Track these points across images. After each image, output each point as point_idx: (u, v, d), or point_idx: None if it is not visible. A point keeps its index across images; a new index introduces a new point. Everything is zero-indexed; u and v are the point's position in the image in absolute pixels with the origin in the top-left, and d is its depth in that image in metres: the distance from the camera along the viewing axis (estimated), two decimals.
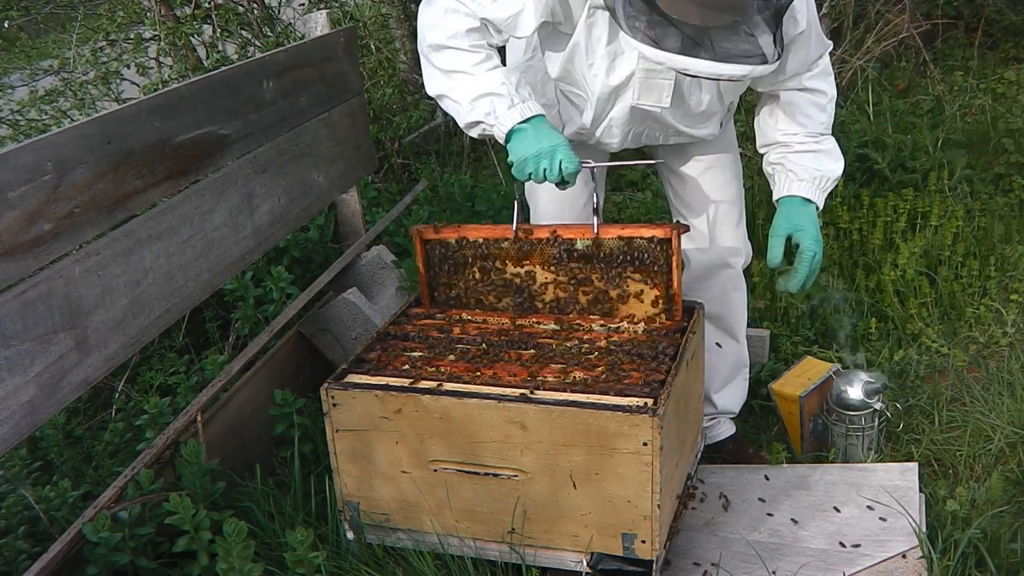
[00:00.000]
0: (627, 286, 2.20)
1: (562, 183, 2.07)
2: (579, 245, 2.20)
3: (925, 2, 5.77)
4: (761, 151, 2.33)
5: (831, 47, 2.23)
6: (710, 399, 2.62)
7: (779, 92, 2.23)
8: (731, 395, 2.66)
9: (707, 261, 2.52)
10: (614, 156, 2.48)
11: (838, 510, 2.28)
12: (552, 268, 2.23)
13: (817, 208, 2.22)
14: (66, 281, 1.87)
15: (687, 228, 2.17)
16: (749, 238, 2.61)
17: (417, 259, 2.32)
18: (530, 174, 2.05)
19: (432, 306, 2.34)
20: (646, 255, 2.15)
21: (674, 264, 2.13)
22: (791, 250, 2.21)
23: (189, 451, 2.14)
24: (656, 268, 2.16)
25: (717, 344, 2.60)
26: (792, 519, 2.26)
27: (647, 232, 2.15)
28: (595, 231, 2.18)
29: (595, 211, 2.20)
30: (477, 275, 2.29)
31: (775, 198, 2.26)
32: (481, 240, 2.27)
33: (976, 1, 5.96)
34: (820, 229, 2.24)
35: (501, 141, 2.07)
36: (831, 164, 2.23)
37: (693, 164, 2.45)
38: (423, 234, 2.31)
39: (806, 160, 2.22)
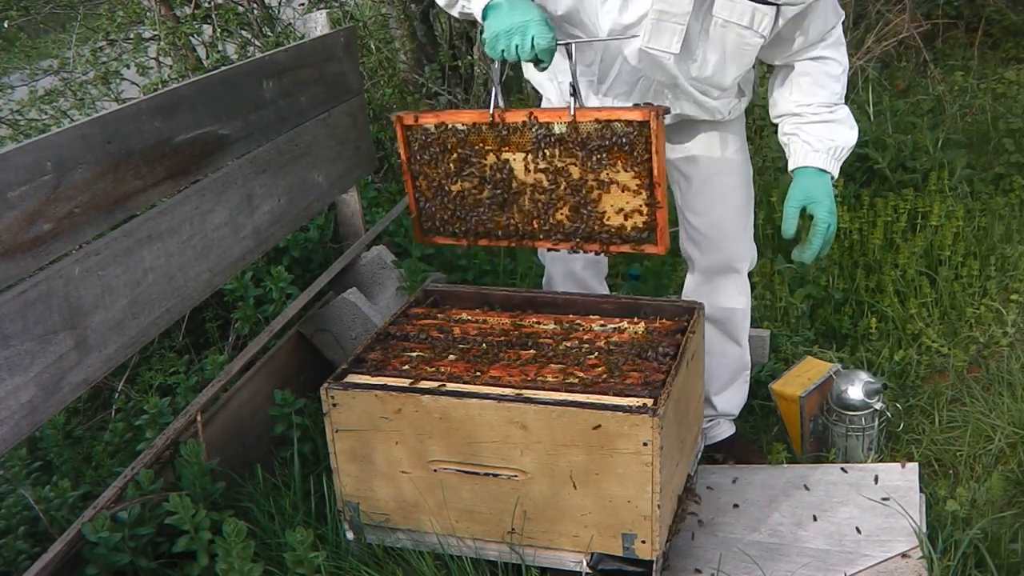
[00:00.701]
0: (606, 173, 2.12)
1: (537, 62, 2.00)
2: (556, 129, 2.12)
3: (925, 2, 5.77)
4: (775, 121, 2.31)
5: (843, 17, 2.21)
6: (710, 401, 2.62)
7: (793, 63, 2.21)
8: (731, 397, 2.66)
9: (712, 265, 2.50)
10: None
11: (838, 510, 2.27)
12: (530, 155, 2.16)
13: (832, 177, 2.21)
14: (66, 281, 1.87)
15: (667, 110, 2.08)
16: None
17: (399, 145, 2.28)
18: (503, 51, 1.99)
19: (418, 207, 2.34)
20: (624, 139, 2.08)
21: (655, 149, 2.05)
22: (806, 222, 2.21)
23: (189, 451, 2.14)
24: (636, 153, 2.08)
25: (721, 352, 2.59)
26: (792, 519, 2.26)
27: (626, 115, 2.07)
28: (572, 114, 2.10)
29: (573, 93, 2.09)
30: (456, 163, 2.23)
31: (790, 168, 2.24)
32: (460, 126, 2.20)
33: (976, 1, 5.96)
34: (835, 200, 2.23)
35: (479, 19, 2.04)
36: (845, 133, 2.22)
37: (701, 167, 2.43)
38: (403, 120, 2.26)
39: (820, 130, 2.21)
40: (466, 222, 2.29)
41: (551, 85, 2.38)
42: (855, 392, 2.59)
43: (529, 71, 2.41)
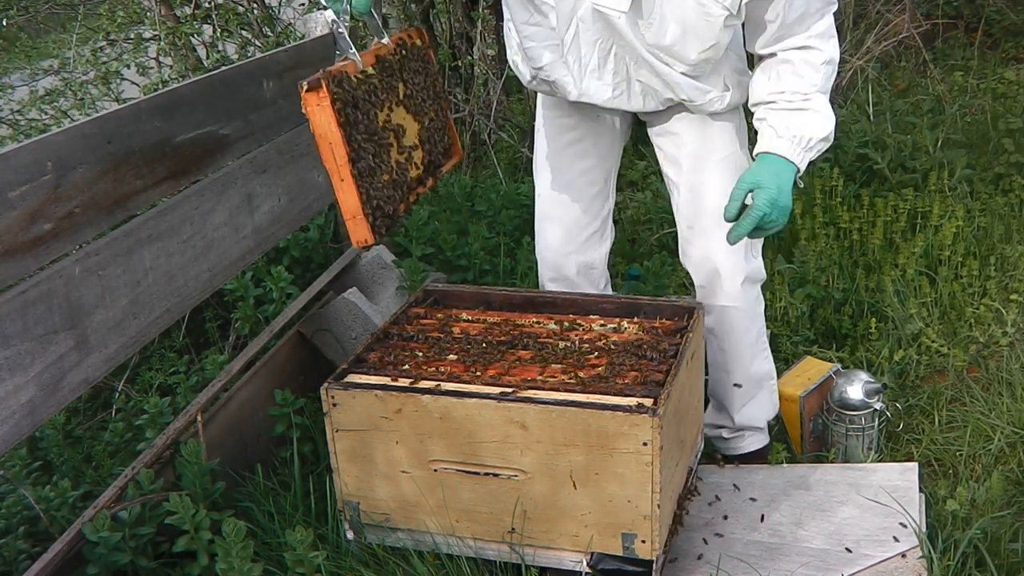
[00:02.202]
0: (419, 92, 2.17)
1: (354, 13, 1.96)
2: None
3: (925, 2, 5.77)
4: (751, 109, 2.23)
5: (834, 7, 2.09)
6: (730, 416, 2.55)
7: (777, 52, 2.13)
8: (754, 412, 2.55)
9: (702, 280, 2.43)
10: (620, 116, 2.42)
11: (838, 510, 2.27)
12: (389, 96, 2.06)
13: (799, 170, 2.10)
14: (66, 281, 1.87)
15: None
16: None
17: (326, 122, 1.83)
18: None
19: (365, 198, 1.89)
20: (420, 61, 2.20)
21: (431, 57, 2.22)
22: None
23: (189, 451, 2.14)
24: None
25: (736, 385, 2.51)
26: (792, 519, 2.26)
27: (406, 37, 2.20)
28: (391, 45, 2.11)
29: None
30: (363, 127, 1.95)
31: (754, 154, 2.16)
32: (370, 69, 1.99)
33: (976, 1, 5.96)
34: (794, 197, 2.11)
35: None
36: (817, 123, 2.09)
37: (695, 174, 2.36)
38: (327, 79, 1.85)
39: (789, 118, 2.10)
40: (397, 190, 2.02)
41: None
42: (855, 392, 2.59)
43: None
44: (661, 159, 2.44)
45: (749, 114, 2.27)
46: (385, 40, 2.12)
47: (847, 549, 2.14)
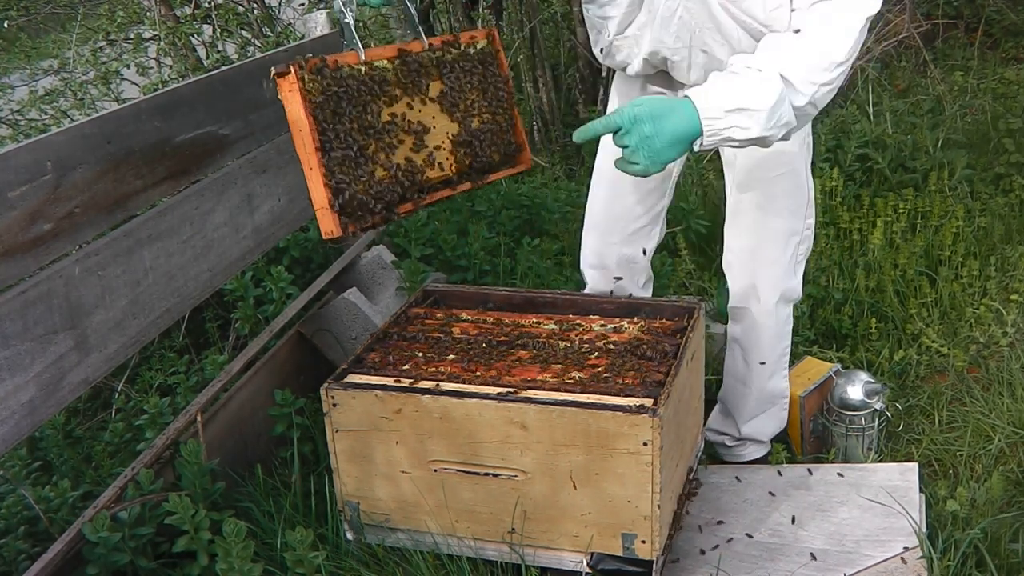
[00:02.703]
0: (465, 93, 2.09)
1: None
2: (425, 57, 2.04)
3: (925, 2, 5.78)
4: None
5: (867, 12, 1.83)
6: (736, 425, 2.56)
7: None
8: (761, 426, 2.55)
9: (737, 290, 2.41)
10: (650, 80, 2.24)
11: (838, 510, 2.27)
12: (407, 92, 2.00)
13: (701, 132, 1.78)
14: (66, 281, 1.87)
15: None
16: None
17: (298, 107, 1.82)
18: None
19: (334, 187, 1.82)
20: (473, 61, 2.11)
21: (500, 60, 2.15)
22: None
23: (189, 451, 2.14)
24: (489, 72, 2.12)
25: (742, 384, 2.51)
26: (792, 519, 2.26)
27: (466, 38, 2.12)
28: (425, 43, 2.03)
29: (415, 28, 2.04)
30: (353, 120, 1.90)
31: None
32: (338, 70, 1.88)
33: (976, 1, 5.97)
34: (671, 142, 1.78)
35: None
36: (746, 89, 1.78)
37: (744, 185, 2.31)
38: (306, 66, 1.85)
39: (718, 78, 1.84)
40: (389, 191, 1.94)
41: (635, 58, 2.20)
42: (855, 392, 2.59)
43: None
44: (723, 159, 2.40)
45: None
46: (421, 38, 2.05)
47: (846, 547, 2.14)
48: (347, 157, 1.83)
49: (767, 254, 2.34)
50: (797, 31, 1.85)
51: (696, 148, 1.82)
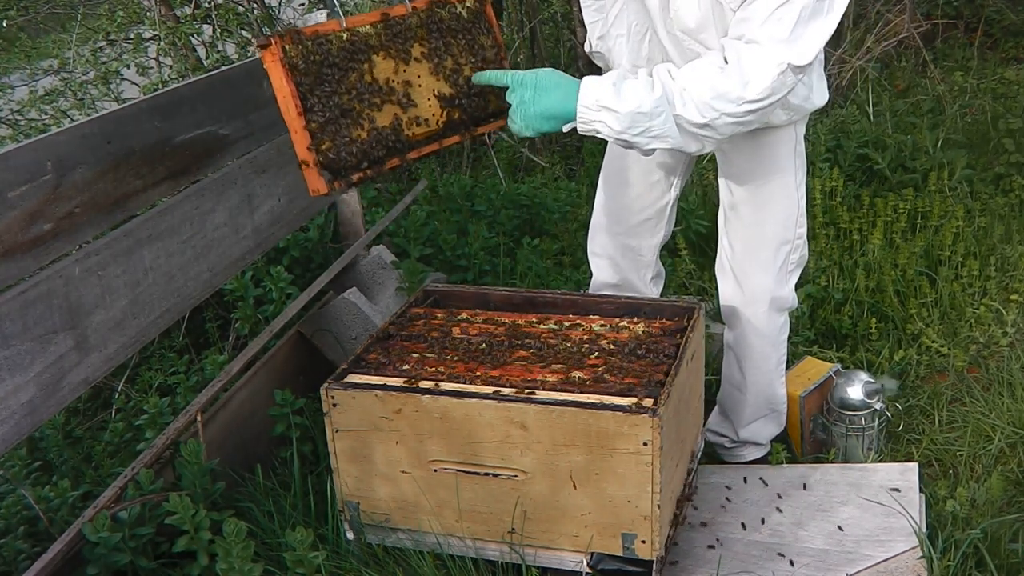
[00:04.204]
0: (452, 51, 2.11)
1: None
2: (409, 20, 2.07)
3: (925, 2, 5.78)
4: None
5: (803, 29, 1.82)
6: (734, 429, 2.56)
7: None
8: (759, 429, 2.55)
9: (728, 297, 2.42)
10: None
11: (838, 510, 2.27)
12: (391, 55, 2.04)
13: (576, 115, 1.88)
14: (66, 281, 1.87)
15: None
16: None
17: (278, 79, 1.88)
18: None
19: (316, 147, 1.89)
20: (459, 21, 2.12)
21: (489, 16, 2.16)
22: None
23: (189, 451, 2.14)
24: (476, 29, 2.14)
25: (738, 390, 2.51)
26: (792, 519, 2.26)
27: None
28: (409, 6, 2.05)
29: None
30: (336, 84, 1.96)
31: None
32: (318, 39, 1.93)
33: (976, 1, 5.97)
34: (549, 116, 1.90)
35: None
36: (626, 92, 1.85)
37: (735, 193, 2.33)
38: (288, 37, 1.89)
39: (614, 74, 1.89)
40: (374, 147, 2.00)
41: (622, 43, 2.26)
42: (855, 392, 2.59)
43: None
44: (717, 165, 2.41)
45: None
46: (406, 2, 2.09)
47: (846, 547, 2.14)
48: (330, 120, 1.91)
49: (757, 261, 2.35)
50: (725, 58, 1.87)
51: (566, 129, 1.93)
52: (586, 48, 2.35)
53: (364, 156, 1.96)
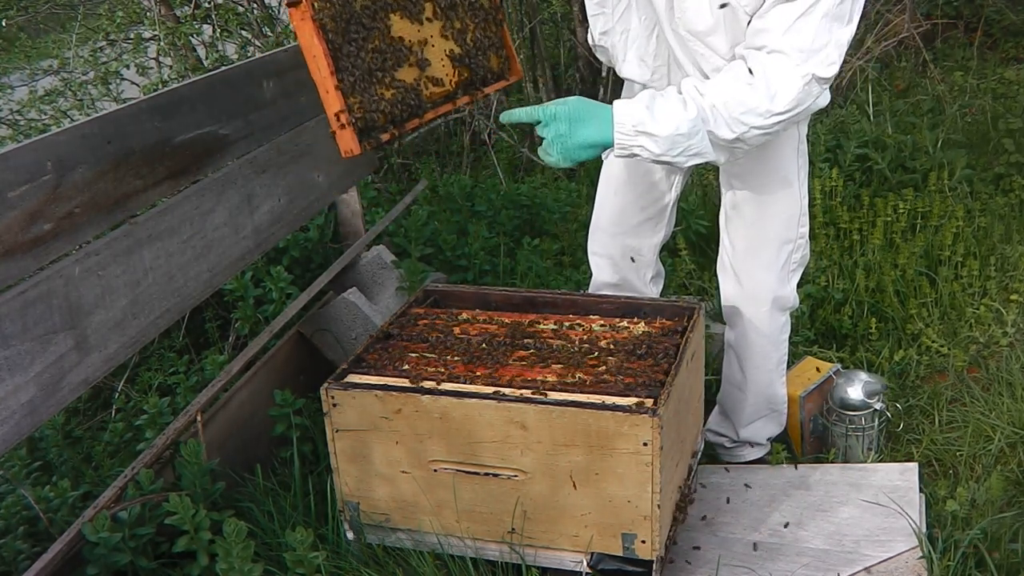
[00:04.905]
0: (458, 12, 2.11)
1: None
2: None
3: (925, 2, 5.78)
4: None
5: (827, 38, 1.82)
6: (735, 429, 2.56)
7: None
8: (759, 429, 2.55)
9: (730, 297, 2.42)
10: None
11: (838, 510, 2.27)
12: (406, 15, 2.04)
13: (611, 145, 1.89)
14: (66, 281, 1.87)
15: None
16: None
17: (311, 38, 1.86)
18: None
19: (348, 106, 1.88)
20: None
21: None
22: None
23: (189, 451, 2.14)
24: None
25: (739, 389, 2.51)
26: (792, 519, 2.26)
27: None
28: None
29: None
30: (361, 43, 1.95)
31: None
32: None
33: (976, 1, 5.97)
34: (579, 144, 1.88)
35: None
36: (661, 114, 1.85)
37: (737, 192, 2.33)
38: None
39: (646, 96, 1.89)
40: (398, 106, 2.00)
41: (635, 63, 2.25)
42: (855, 392, 2.59)
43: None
44: (720, 167, 2.40)
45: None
46: None
47: (846, 547, 2.14)
48: (358, 79, 1.91)
49: (759, 260, 2.35)
50: (750, 70, 1.88)
51: (605, 157, 1.94)
52: (589, 42, 2.34)
53: (390, 116, 1.97)
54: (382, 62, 1.97)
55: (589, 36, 2.34)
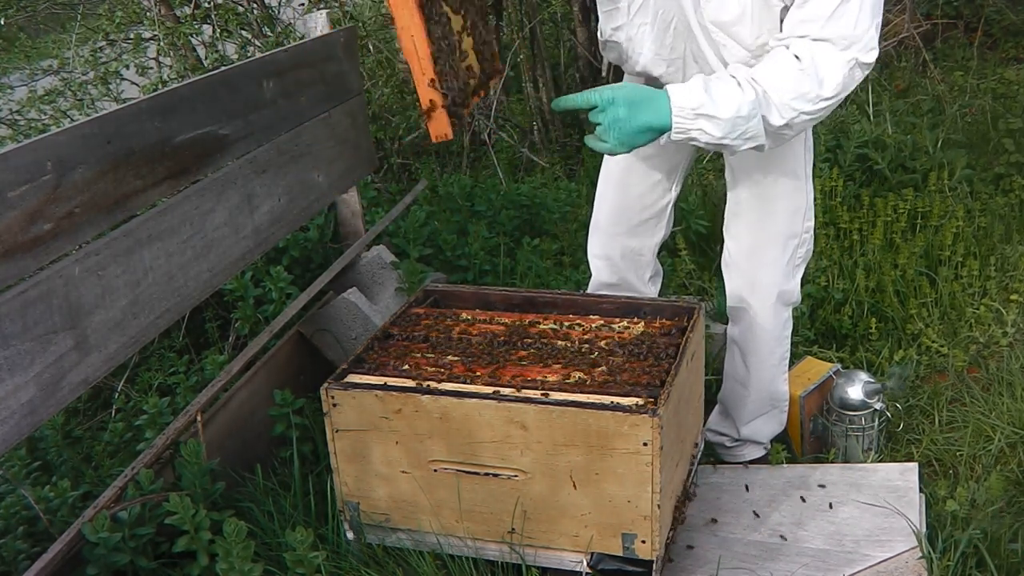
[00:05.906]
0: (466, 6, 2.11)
1: None
2: None
3: (925, 2, 5.78)
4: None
5: (867, 24, 1.85)
6: (736, 427, 2.57)
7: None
8: (760, 427, 2.56)
9: (735, 292, 2.42)
10: (650, 81, 2.24)
11: (838, 510, 2.27)
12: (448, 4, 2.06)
13: (669, 128, 1.87)
14: (66, 281, 1.87)
15: None
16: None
17: (411, 16, 1.87)
18: None
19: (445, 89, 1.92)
20: None
21: None
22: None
23: (189, 451, 2.14)
24: None
25: (742, 385, 2.51)
26: (792, 519, 2.26)
27: None
28: None
29: None
30: (441, 27, 1.98)
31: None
32: None
33: (976, 1, 5.97)
34: (635, 127, 1.86)
35: None
36: (719, 96, 1.84)
37: (744, 187, 2.33)
38: None
39: (701, 79, 1.89)
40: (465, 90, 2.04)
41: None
42: (855, 392, 2.59)
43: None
44: (725, 160, 2.41)
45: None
46: None
47: (846, 547, 2.14)
48: (447, 62, 1.93)
49: (765, 255, 2.35)
50: (797, 57, 1.88)
51: (662, 142, 1.91)
52: (599, 38, 2.32)
53: (462, 101, 1.98)
54: (452, 48, 1.98)
55: (599, 32, 2.32)
